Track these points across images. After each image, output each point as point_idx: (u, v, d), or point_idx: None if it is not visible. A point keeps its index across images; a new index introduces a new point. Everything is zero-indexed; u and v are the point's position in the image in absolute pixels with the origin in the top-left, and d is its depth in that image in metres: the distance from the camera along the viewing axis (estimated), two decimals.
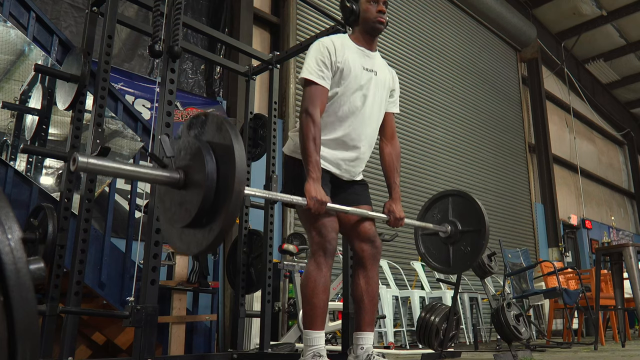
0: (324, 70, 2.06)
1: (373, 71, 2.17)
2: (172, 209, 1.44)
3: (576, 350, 4.06)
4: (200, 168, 1.34)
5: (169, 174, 1.38)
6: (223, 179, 1.33)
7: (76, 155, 1.20)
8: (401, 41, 7.20)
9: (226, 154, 1.34)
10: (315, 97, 2.03)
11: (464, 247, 2.49)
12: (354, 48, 2.16)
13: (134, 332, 2.05)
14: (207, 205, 1.33)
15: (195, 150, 1.38)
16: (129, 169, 1.39)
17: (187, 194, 1.38)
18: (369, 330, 2.12)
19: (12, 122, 3.10)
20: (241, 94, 4.97)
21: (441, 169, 7.29)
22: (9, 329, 0.46)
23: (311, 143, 1.96)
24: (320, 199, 1.90)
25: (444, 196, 2.65)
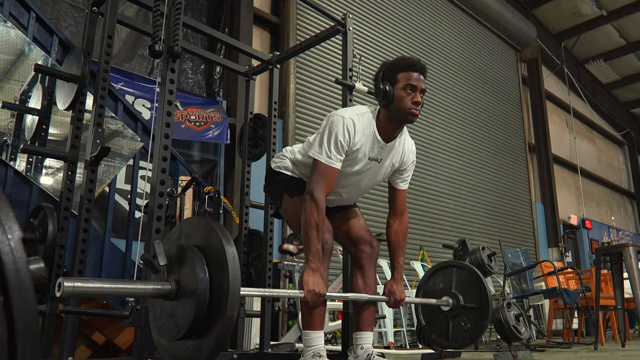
0: (341, 155, 1.95)
1: (377, 160, 2.06)
2: (161, 318, 1.37)
3: (576, 350, 4.06)
4: (192, 279, 1.28)
5: (160, 287, 1.32)
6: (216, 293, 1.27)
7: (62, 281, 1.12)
8: (401, 41, 7.19)
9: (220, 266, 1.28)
10: (325, 179, 1.92)
11: (464, 322, 2.38)
12: (372, 138, 2.01)
13: (134, 332, 2.05)
14: (199, 320, 1.27)
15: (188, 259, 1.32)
16: (117, 287, 1.29)
17: (178, 305, 1.32)
18: (368, 330, 2.12)
19: (12, 122, 3.10)
20: (241, 94, 4.98)
21: (441, 169, 7.29)
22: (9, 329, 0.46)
23: (313, 231, 1.86)
24: (318, 291, 1.82)
25: (448, 266, 2.53)
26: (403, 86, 1.95)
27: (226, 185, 4.99)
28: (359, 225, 2.19)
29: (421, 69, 1.99)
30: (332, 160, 1.93)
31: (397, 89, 1.96)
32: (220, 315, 1.24)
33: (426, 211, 6.82)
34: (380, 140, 2.02)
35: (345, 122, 1.95)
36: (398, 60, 2.02)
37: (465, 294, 2.40)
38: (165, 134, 2.09)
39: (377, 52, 6.71)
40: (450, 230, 7.12)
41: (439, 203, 7.10)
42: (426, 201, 6.85)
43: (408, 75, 1.96)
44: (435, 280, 2.54)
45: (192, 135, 4.72)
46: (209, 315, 1.28)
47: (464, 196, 7.63)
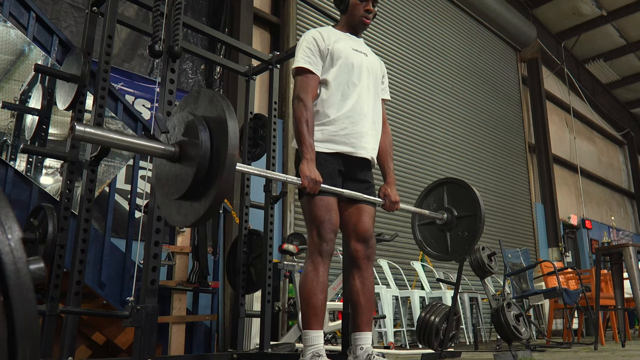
0: (313, 57, 2.14)
1: (363, 52, 2.26)
2: (168, 183, 1.48)
3: (576, 350, 4.06)
4: (194, 140, 1.40)
5: (164, 147, 1.43)
6: (216, 149, 1.37)
7: (74, 124, 1.24)
8: (401, 41, 7.19)
9: (219, 126, 1.38)
10: (305, 84, 2.10)
11: (461, 232, 2.53)
12: (341, 34, 2.25)
13: (134, 332, 2.05)
14: (201, 175, 1.38)
15: (189, 124, 1.43)
16: (125, 139, 1.41)
17: (182, 166, 1.43)
18: (367, 330, 2.12)
19: (12, 122, 3.10)
20: (241, 94, 4.97)
21: (441, 169, 7.29)
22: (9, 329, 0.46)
23: (304, 126, 2.03)
24: (314, 177, 1.95)
25: (439, 185, 2.68)
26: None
27: None
28: (365, 222, 2.19)
29: None
30: (307, 64, 2.11)
31: None
32: (218, 178, 1.34)
33: None
34: (350, 35, 2.27)
35: (308, 32, 2.21)
36: None
37: (458, 206, 2.55)
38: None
39: (377, 52, 6.71)
40: None
41: None
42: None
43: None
44: (428, 202, 2.67)
45: None
46: (208, 178, 1.38)
47: None
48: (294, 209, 5.12)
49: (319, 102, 2.16)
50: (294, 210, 5.12)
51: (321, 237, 2.03)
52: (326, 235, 2.03)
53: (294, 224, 5.07)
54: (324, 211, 2.04)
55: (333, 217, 2.07)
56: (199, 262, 3.42)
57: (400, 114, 6.74)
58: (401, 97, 6.85)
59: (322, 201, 2.05)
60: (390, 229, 5.69)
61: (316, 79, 2.14)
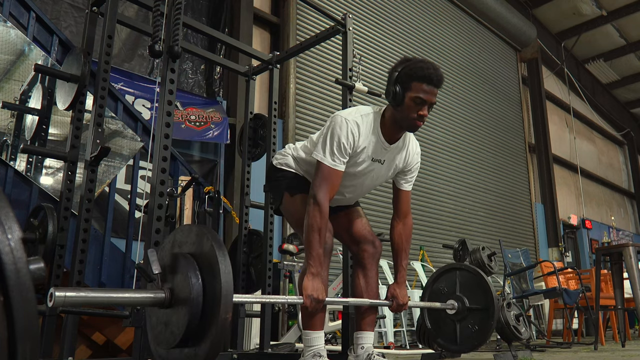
0: (343, 159, 1.94)
1: (380, 161, 2.05)
2: (157, 327, 1.39)
3: (576, 350, 4.06)
4: (185, 287, 1.29)
5: (153, 295, 1.32)
6: (210, 294, 1.28)
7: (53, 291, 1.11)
8: (401, 41, 7.19)
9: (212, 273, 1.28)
10: (329, 182, 1.91)
11: (471, 325, 2.36)
12: (376, 139, 1.99)
13: (134, 332, 2.05)
14: (192, 327, 1.28)
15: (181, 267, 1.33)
16: (110, 296, 1.29)
17: (173, 313, 1.33)
18: (369, 330, 2.12)
19: (12, 122, 3.10)
20: (241, 94, 4.97)
21: (441, 169, 7.29)
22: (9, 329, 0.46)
23: (316, 235, 1.85)
24: (317, 297, 1.80)
25: (451, 269, 2.52)
26: (414, 97, 1.89)
27: (226, 185, 4.99)
28: (361, 225, 2.18)
29: (437, 83, 1.93)
30: (335, 163, 1.91)
31: (407, 96, 1.90)
32: (214, 321, 1.25)
33: (426, 211, 6.82)
34: (384, 141, 2.00)
35: (349, 124, 1.93)
36: (417, 66, 1.93)
37: (470, 295, 2.38)
38: (165, 134, 2.09)
39: (377, 52, 6.71)
40: (450, 230, 7.12)
41: (439, 203, 7.10)
42: (426, 201, 6.85)
43: (422, 87, 1.90)
44: (439, 285, 2.51)
45: (192, 135, 4.72)
46: (203, 322, 1.28)
47: (464, 196, 7.63)
48: None
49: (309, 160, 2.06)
50: None
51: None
52: None
53: None
54: None
55: None
56: None
57: None
58: None
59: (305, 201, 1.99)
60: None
61: (340, 176, 1.95)
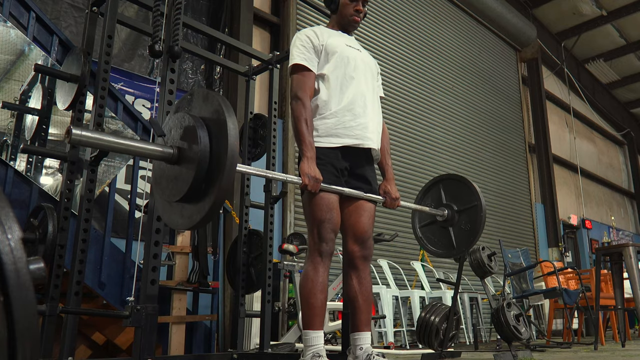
0: (308, 54, 2.15)
1: (356, 49, 2.27)
2: (168, 185, 1.46)
3: (576, 350, 4.06)
4: (192, 142, 1.37)
5: (162, 149, 1.41)
6: (215, 149, 1.36)
7: (70, 128, 1.21)
8: (401, 41, 7.19)
9: (217, 125, 1.36)
10: (302, 82, 2.12)
11: (464, 225, 2.50)
12: (333, 31, 2.27)
13: (134, 332, 2.05)
14: (201, 175, 1.36)
15: (187, 125, 1.41)
16: (123, 142, 1.39)
17: (181, 168, 1.41)
18: (366, 330, 2.11)
19: (12, 122, 3.10)
20: (241, 94, 4.97)
21: (441, 169, 7.29)
22: (9, 329, 0.46)
23: (303, 124, 2.03)
24: (314, 175, 1.95)
25: (434, 184, 2.67)
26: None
27: None
28: (364, 222, 2.18)
29: None
30: (304, 57, 2.13)
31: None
32: (218, 179, 1.32)
33: None
34: (342, 33, 2.28)
35: (301, 31, 2.23)
36: None
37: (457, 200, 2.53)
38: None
39: (377, 52, 6.71)
40: None
41: None
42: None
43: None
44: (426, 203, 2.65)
45: None
46: (208, 177, 1.36)
47: None
48: (294, 209, 5.12)
49: (318, 97, 2.16)
50: (294, 210, 5.12)
51: (321, 238, 2.02)
52: (326, 236, 2.03)
53: (294, 224, 5.07)
54: (324, 210, 2.03)
55: (334, 216, 2.06)
56: (199, 262, 3.42)
57: (400, 113, 6.74)
58: (401, 96, 6.85)
59: (323, 200, 2.04)
60: (390, 229, 5.69)
61: (313, 76, 2.15)
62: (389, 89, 6.63)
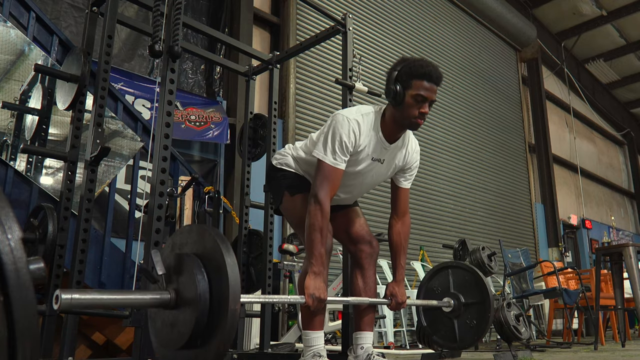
0: (344, 157, 1.94)
1: (380, 160, 2.05)
2: (163, 329, 1.37)
3: (576, 350, 4.06)
4: (190, 284, 1.28)
5: (159, 296, 1.31)
6: (216, 292, 1.27)
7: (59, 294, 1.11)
8: (401, 41, 7.19)
9: (218, 269, 1.27)
10: (330, 181, 1.90)
11: (469, 320, 2.37)
12: (376, 138, 2.00)
13: (134, 332, 2.05)
14: (201, 325, 1.27)
15: (183, 265, 1.32)
16: (116, 297, 1.28)
17: (179, 314, 1.31)
18: (368, 330, 2.11)
19: (12, 122, 3.10)
20: (241, 94, 4.97)
21: (441, 169, 7.29)
22: (9, 329, 0.46)
23: (317, 234, 1.84)
24: (319, 296, 1.80)
25: (443, 268, 2.53)
26: (414, 94, 1.90)
27: (226, 185, 4.99)
28: (359, 225, 2.18)
29: (436, 80, 1.95)
30: (337, 162, 1.91)
31: (408, 95, 1.92)
32: (222, 321, 1.24)
33: (426, 211, 6.82)
34: (384, 140, 2.00)
35: (350, 123, 1.93)
36: (416, 65, 1.94)
37: (465, 291, 2.40)
38: (165, 134, 2.09)
39: (377, 52, 6.71)
40: (450, 230, 7.12)
41: (439, 203, 7.10)
42: (426, 201, 6.86)
43: (422, 85, 1.91)
44: (432, 286, 2.52)
45: (192, 135, 4.72)
46: (210, 322, 1.27)
47: (464, 196, 7.63)
48: None
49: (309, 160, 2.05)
50: None
51: None
52: None
53: None
54: None
55: None
56: None
57: None
58: None
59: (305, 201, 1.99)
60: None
61: (341, 175, 1.95)
62: None
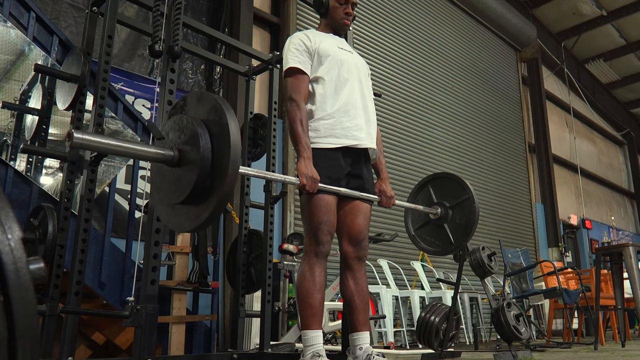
0: (301, 57, 2.16)
1: (348, 51, 2.28)
2: (168, 187, 1.45)
3: (576, 350, 4.06)
4: (194, 145, 1.37)
5: (163, 151, 1.40)
6: (217, 154, 1.35)
7: (72, 131, 1.22)
8: (401, 41, 7.19)
9: (218, 127, 1.36)
10: (297, 84, 2.12)
11: (458, 219, 2.51)
12: (324, 35, 2.28)
13: (134, 332, 2.05)
14: (203, 178, 1.35)
15: (189, 128, 1.40)
16: (123, 145, 1.39)
17: (181, 171, 1.39)
18: (364, 330, 2.11)
19: (12, 122, 3.10)
20: (241, 94, 4.97)
21: (441, 169, 7.28)
22: (9, 329, 0.46)
23: (299, 125, 2.05)
24: (311, 175, 1.95)
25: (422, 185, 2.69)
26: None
27: None
28: (358, 224, 2.18)
29: None
30: (298, 60, 2.13)
31: (331, 1, 2.26)
32: (221, 181, 1.31)
33: None
34: (333, 36, 2.30)
35: (293, 35, 2.23)
36: None
37: (447, 197, 2.55)
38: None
39: (377, 52, 6.72)
40: None
41: None
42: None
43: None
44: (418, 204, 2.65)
45: None
46: (210, 181, 1.34)
47: None
48: (294, 209, 5.12)
49: (315, 99, 2.16)
50: (294, 210, 5.12)
51: (317, 240, 2.04)
52: (322, 238, 2.03)
53: (294, 224, 5.07)
54: (322, 212, 2.04)
55: (331, 218, 2.07)
56: (199, 262, 3.42)
57: (400, 113, 6.74)
58: (401, 96, 6.85)
59: (322, 201, 2.04)
60: (390, 229, 5.69)
61: (307, 79, 2.16)
62: (388, 88, 6.63)
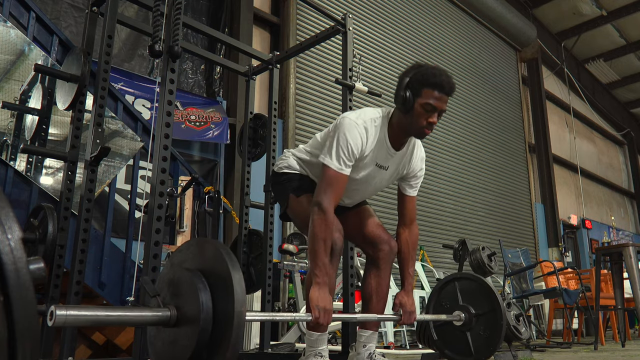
0: (350, 161, 1.89)
1: (384, 167, 2.01)
2: (165, 349, 1.30)
3: (576, 350, 4.06)
4: (192, 301, 1.22)
5: (158, 313, 1.24)
6: (220, 310, 1.21)
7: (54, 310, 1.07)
8: (401, 41, 7.19)
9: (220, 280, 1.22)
10: (334, 187, 1.85)
11: (482, 331, 2.31)
12: (383, 145, 1.96)
13: (134, 332, 2.05)
14: (204, 341, 1.20)
15: (184, 281, 1.26)
16: (112, 314, 1.22)
17: (179, 331, 1.25)
18: (373, 330, 2.11)
19: (12, 122, 3.10)
20: (241, 94, 4.98)
21: (441, 169, 7.29)
22: (9, 329, 0.46)
23: (321, 244, 1.78)
24: (324, 306, 1.73)
25: (449, 281, 2.47)
26: (424, 103, 1.84)
27: (226, 185, 4.99)
28: (374, 224, 2.14)
29: (448, 91, 1.87)
30: (342, 168, 1.86)
31: (417, 103, 1.86)
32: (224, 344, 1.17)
33: (426, 211, 6.82)
34: (390, 147, 1.97)
35: (357, 128, 1.88)
36: (429, 73, 1.86)
37: (474, 302, 2.34)
38: (165, 134, 2.09)
39: (377, 52, 6.71)
40: (450, 230, 7.12)
41: (439, 203, 7.10)
42: (426, 201, 6.85)
43: (433, 94, 1.84)
44: (441, 301, 2.46)
45: (192, 135, 4.72)
46: (212, 344, 1.21)
47: (464, 196, 7.63)
48: None
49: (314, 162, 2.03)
50: None
51: None
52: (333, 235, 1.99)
53: None
54: None
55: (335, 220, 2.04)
56: None
57: None
58: None
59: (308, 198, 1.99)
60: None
61: (346, 180, 1.89)
62: (389, 88, 6.62)
